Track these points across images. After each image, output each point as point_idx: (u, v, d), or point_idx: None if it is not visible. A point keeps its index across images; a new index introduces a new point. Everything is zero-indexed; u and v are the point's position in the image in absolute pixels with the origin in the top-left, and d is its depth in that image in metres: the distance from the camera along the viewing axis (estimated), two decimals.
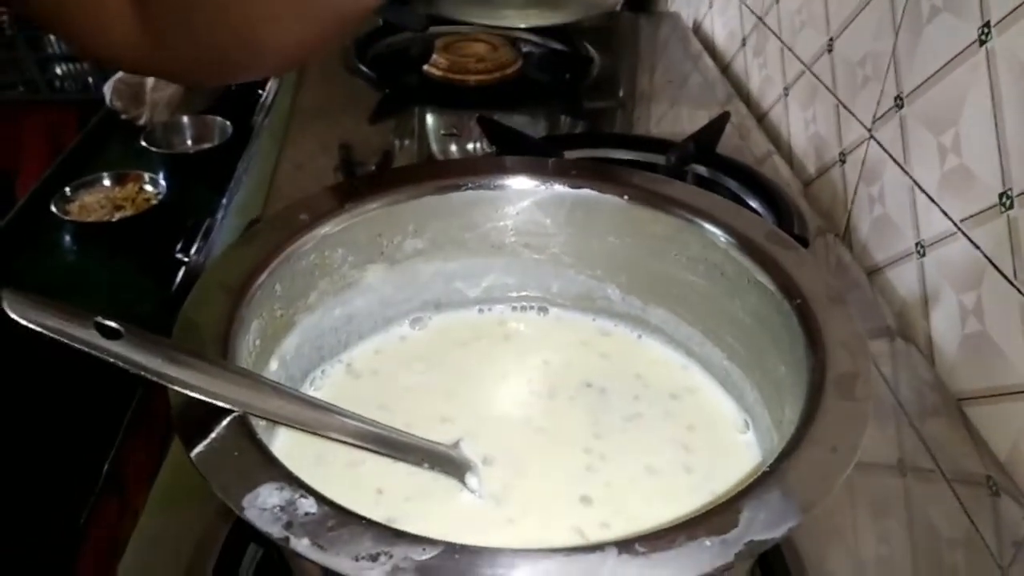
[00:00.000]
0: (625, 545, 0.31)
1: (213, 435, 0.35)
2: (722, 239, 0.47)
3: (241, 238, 0.46)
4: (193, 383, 0.34)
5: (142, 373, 0.33)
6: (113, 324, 0.32)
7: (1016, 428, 0.62)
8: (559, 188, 0.52)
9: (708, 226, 0.48)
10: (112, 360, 0.32)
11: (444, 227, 0.52)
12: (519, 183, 0.52)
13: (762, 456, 0.46)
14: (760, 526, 0.31)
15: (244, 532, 0.48)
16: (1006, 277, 0.62)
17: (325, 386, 0.50)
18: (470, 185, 0.51)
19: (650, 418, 0.49)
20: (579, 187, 0.51)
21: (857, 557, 0.54)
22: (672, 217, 0.49)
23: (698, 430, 0.48)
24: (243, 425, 0.36)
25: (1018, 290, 0.61)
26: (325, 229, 0.48)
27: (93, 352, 0.31)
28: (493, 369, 0.52)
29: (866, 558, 0.54)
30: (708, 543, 0.31)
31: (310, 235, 0.47)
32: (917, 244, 0.74)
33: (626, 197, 0.50)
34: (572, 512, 0.43)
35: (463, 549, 0.30)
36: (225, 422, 0.35)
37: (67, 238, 1.39)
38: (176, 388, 0.34)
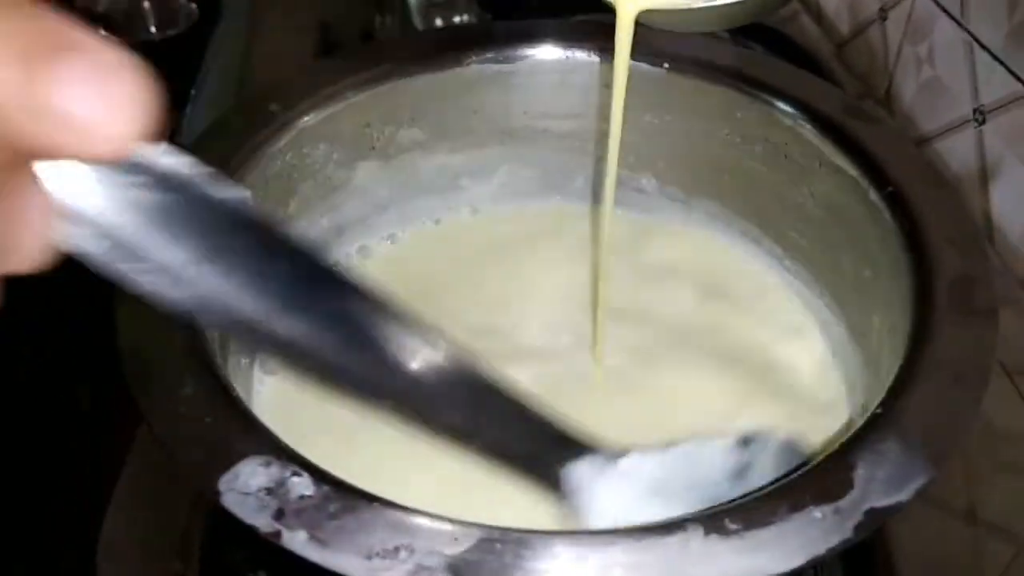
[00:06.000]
0: (712, 522, 0.24)
1: (178, 393, 0.27)
2: (788, 113, 0.39)
3: (199, 138, 0.38)
4: None
5: None
6: None
7: None
8: (582, 56, 0.43)
9: (769, 98, 0.39)
10: None
11: (446, 112, 0.44)
12: (534, 53, 0.43)
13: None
14: (880, 487, 0.25)
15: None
16: None
17: None
18: (474, 59, 0.42)
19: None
20: (607, 55, 0.42)
21: None
22: (723, 88, 0.40)
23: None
24: (215, 377, 0.28)
25: None
26: (302, 121, 0.39)
27: None
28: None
29: None
30: (818, 514, 0.24)
31: (284, 129, 0.39)
32: (975, 111, 0.66)
33: (665, 65, 0.41)
34: None
35: (506, 536, 0.24)
36: (192, 375, 0.28)
37: None
38: None
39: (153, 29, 1.67)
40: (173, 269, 0.18)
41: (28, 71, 0.13)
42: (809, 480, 0.25)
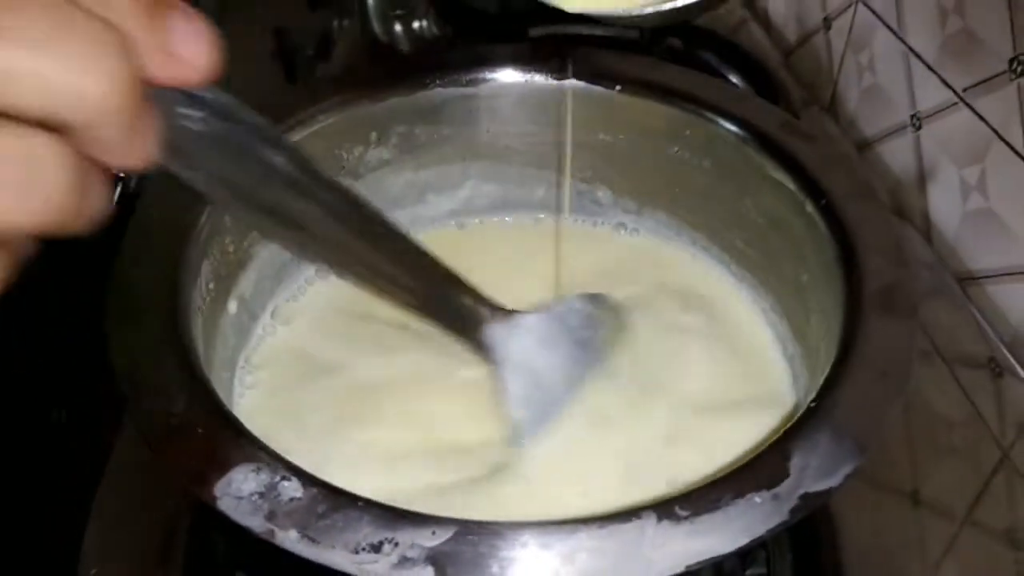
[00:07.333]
0: (664, 510, 0.27)
1: (170, 408, 0.30)
2: (730, 131, 0.42)
3: None
4: None
5: None
6: None
7: (1022, 308, 0.59)
8: (540, 80, 0.45)
9: (713, 117, 0.42)
10: None
11: (412, 132, 0.46)
12: (495, 76, 0.45)
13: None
14: (814, 474, 0.28)
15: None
16: (1014, 150, 0.58)
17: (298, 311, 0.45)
18: (438, 82, 0.45)
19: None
20: (563, 78, 0.45)
21: None
22: (671, 108, 0.43)
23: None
24: (204, 391, 0.30)
25: None
26: None
27: None
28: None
29: None
30: (758, 499, 0.27)
31: None
32: (912, 116, 0.69)
33: (617, 87, 0.44)
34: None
35: (480, 528, 0.26)
36: (183, 390, 0.30)
37: None
38: None
39: None
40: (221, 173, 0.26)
41: (151, 23, 0.20)
42: (750, 470, 0.28)
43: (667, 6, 0.37)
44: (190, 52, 0.20)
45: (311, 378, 0.42)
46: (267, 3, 0.96)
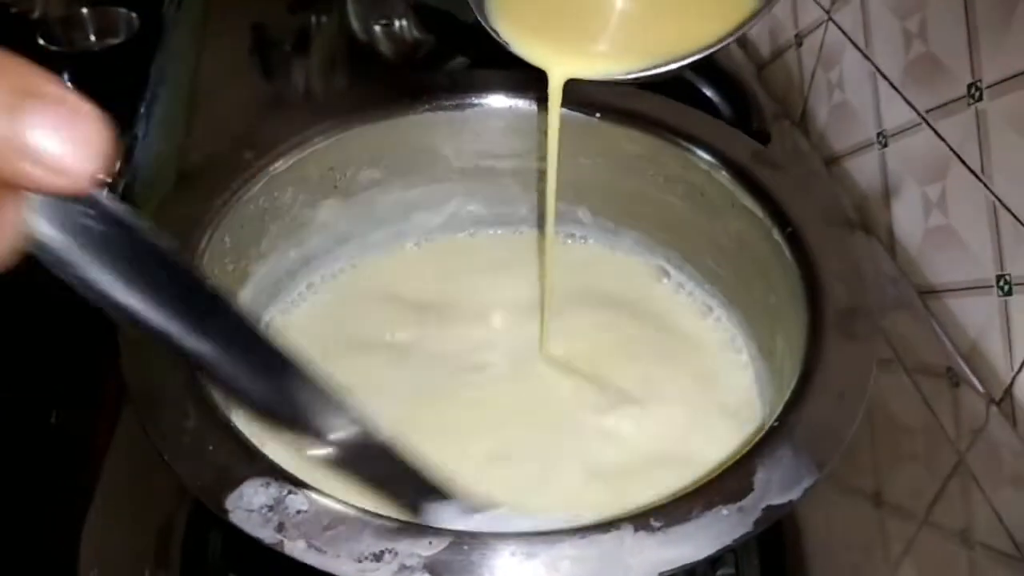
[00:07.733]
0: (640, 521, 0.29)
1: (183, 425, 0.32)
2: (703, 159, 0.44)
3: (181, 185, 0.41)
4: None
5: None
6: None
7: (978, 321, 0.62)
8: (523, 105, 0.48)
9: (688, 145, 0.45)
10: None
11: (401, 153, 0.48)
12: (481, 101, 0.48)
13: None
14: (776, 488, 0.30)
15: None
16: (972, 171, 0.61)
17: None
18: (427, 106, 0.47)
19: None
20: (544, 104, 0.47)
21: None
22: (648, 136, 0.46)
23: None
24: (213, 409, 0.33)
25: (984, 184, 0.60)
26: (273, 167, 0.43)
27: None
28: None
29: None
30: (725, 512, 0.29)
31: (257, 176, 0.42)
32: (879, 134, 0.72)
33: (597, 115, 0.47)
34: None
35: (473, 539, 0.29)
36: (194, 409, 0.32)
37: None
38: None
39: (92, 38, 1.64)
40: (101, 286, 0.21)
41: (8, 117, 0.16)
42: (718, 484, 0.30)
43: (656, 71, 0.39)
44: (58, 155, 0.16)
45: None
46: (250, 1, 0.97)
